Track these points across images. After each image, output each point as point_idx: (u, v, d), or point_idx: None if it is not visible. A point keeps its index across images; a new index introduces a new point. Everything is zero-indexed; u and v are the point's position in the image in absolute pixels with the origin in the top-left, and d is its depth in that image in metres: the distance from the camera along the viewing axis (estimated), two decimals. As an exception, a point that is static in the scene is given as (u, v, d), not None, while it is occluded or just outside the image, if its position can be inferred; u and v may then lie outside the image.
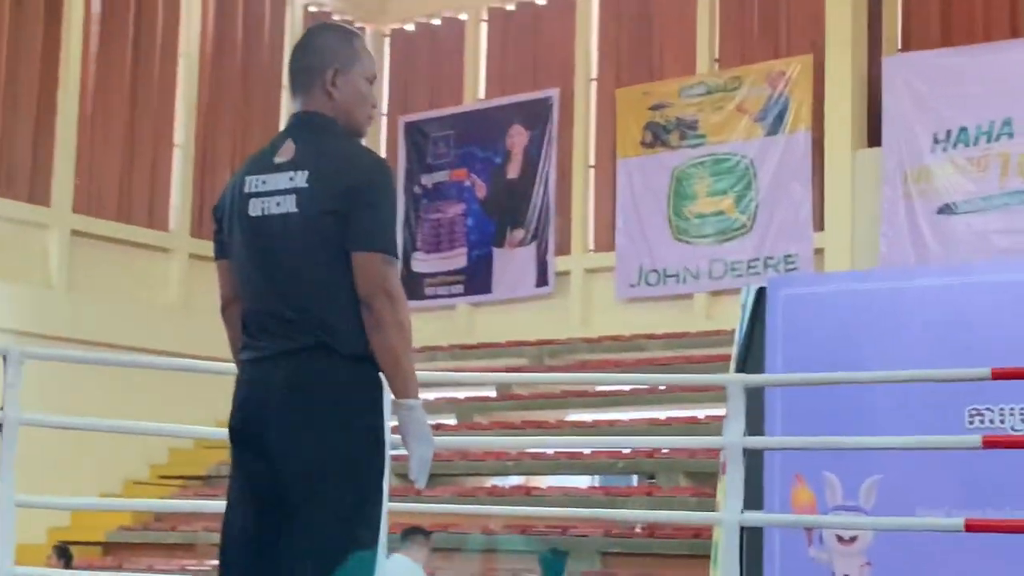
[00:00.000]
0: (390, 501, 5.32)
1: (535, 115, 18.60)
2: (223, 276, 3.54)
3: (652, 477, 14.80)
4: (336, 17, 19.20)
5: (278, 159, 3.44)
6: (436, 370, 13.77)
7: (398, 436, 3.47)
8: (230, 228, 3.48)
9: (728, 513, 5.13)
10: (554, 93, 18.53)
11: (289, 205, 3.37)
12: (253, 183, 3.44)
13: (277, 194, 3.39)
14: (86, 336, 15.30)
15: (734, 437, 5.17)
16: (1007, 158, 14.60)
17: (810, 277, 13.64)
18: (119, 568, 12.69)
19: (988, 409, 8.10)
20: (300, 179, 3.37)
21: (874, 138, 15.84)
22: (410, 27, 20.15)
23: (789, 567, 8.56)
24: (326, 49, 3.55)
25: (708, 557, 9.45)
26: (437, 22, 19.90)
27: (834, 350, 8.38)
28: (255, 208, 3.41)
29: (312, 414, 3.28)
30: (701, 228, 16.99)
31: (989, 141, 14.73)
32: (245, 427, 3.36)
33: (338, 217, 3.32)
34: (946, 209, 14.92)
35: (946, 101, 14.99)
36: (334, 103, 3.51)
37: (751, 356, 8.83)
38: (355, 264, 3.31)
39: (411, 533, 8.48)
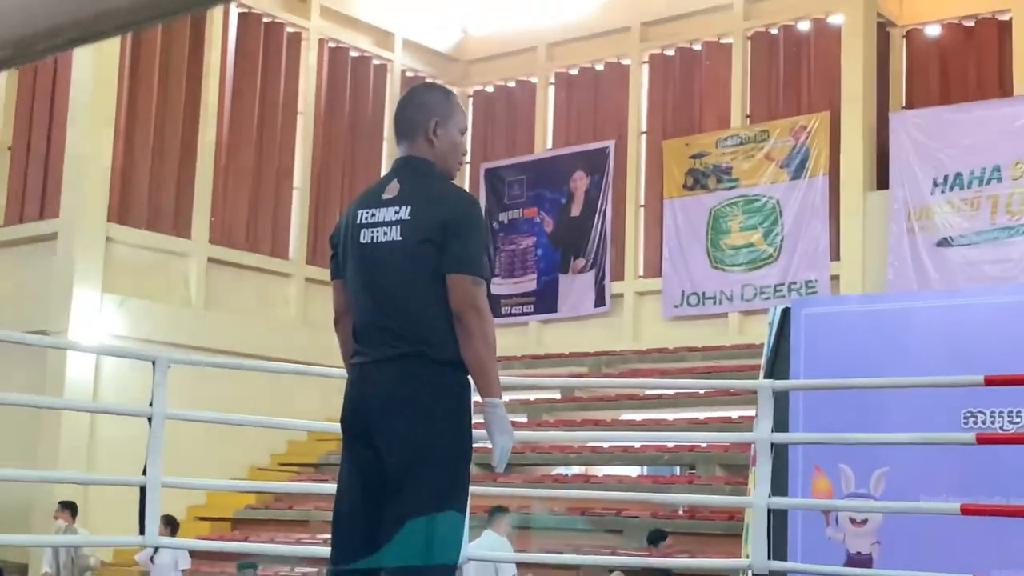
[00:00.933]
0: (471, 486, 5.35)
1: (594, 162, 18.61)
2: (337, 294, 3.57)
3: (693, 468, 14.72)
4: (428, 80, 19.33)
5: (385, 195, 3.47)
6: (511, 376, 13.79)
7: (482, 430, 3.48)
8: (344, 253, 3.51)
9: (758, 498, 5.09)
10: (610, 144, 18.53)
11: (395, 234, 3.39)
12: (363, 215, 3.47)
13: (384, 225, 3.41)
14: (220, 346, 15.47)
15: (763, 433, 5.14)
16: (996, 199, 14.41)
17: (828, 299, 13.53)
18: (245, 540, 12.79)
19: (981, 411, 8.00)
20: (404, 213, 3.40)
21: (882, 182, 15.71)
22: (490, 88, 20.25)
23: (809, 545, 8.48)
24: (430, 103, 3.58)
25: (740, 536, 9.40)
26: (512, 84, 19.98)
27: (848, 361, 8.32)
28: (365, 236, 3.44)
29: (412, 410, 3.29)
30: (735, 258, 16.91)
31: (981, 184, 14.55)
32: (356, 420, 3.39)
33: (435, 245, 3.34)
34: (944, 242, 14.75)
35: (944, 150, 14.84)
36: (434, 150, 3.53)
37: (777, 365, 8.78)
38: (449, 284, 3.33)
39: (496, 512, 8.45)
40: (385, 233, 3.41)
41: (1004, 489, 7.57)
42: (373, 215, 3.45)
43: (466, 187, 19.86)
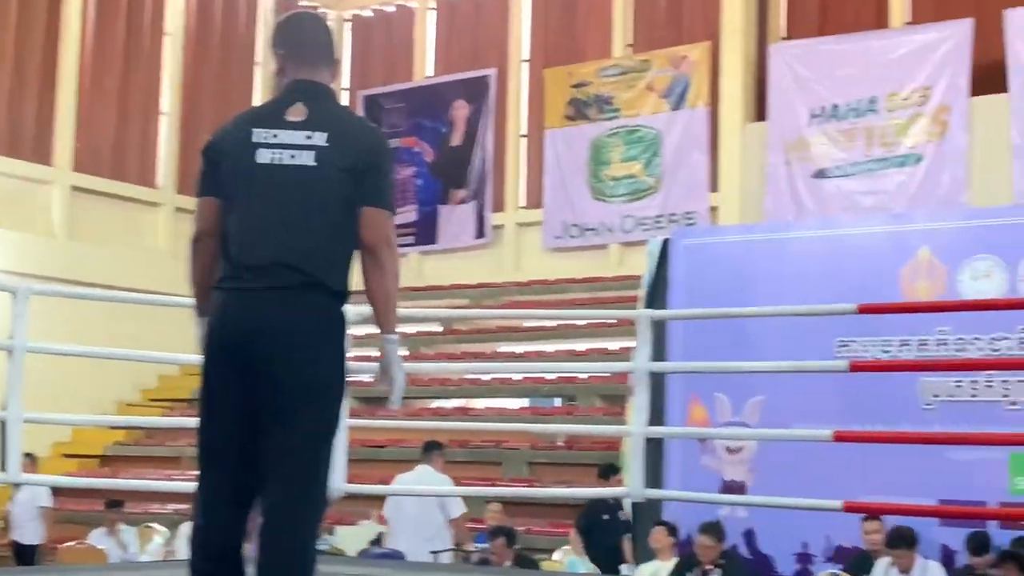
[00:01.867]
0: (351, 419, 5.32)
1: (475, 91, 18.49)
2: (206, 211, 3.42)
3: (572, 399, 14.89)
4: (303, 3, 18.93)
5: (290, 117, 3.37)
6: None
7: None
8: (231, 172, 3.38)
9: (636, 427, 5.16)
10: (492, 72, 18.43)
11: (307, 159, 3.31)
12: (262, 135, 3.34)
13: (292, 148, 3.31)
14: (86, 278, 15.08)
15: (642, 363, 5.19)
16: (872, 131, 14.73)
17: (706, 230, 13.73)
18: (115, 477, 12.60)
19: (853, 340, 8.24)
20: (320, 139, 3.32)
21: (761, 113, 15.92)
22: (368, 13, 19.92)
23: (686, 474, 8.68)
24: (332, 35, 3.61)
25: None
26: (391, 9, 19.68)
27: (726, 291, 8.47)
28: (264, 156, 3.32)
29: (308, 340, 3.24)
30: (615, 189, 17.03)
31: (857, 116, 14.84)
32: (236, 350, 3.26)
33: (353, 176, 3.30)
34: (820, 174, 15.04)
35: (822, 82, 15.08)
36: (332, 82, 3.54)
37: (657, 296, 8.90)
38: (365, 217, 3.30)
39: (430, 447, 8.39)
40: (293, 156, 3.31)
41: (875, 417, 7.82)
42: (275, 136, 3.34)
43: (343, 115, 19.59)
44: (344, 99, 19.48)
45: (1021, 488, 7.65)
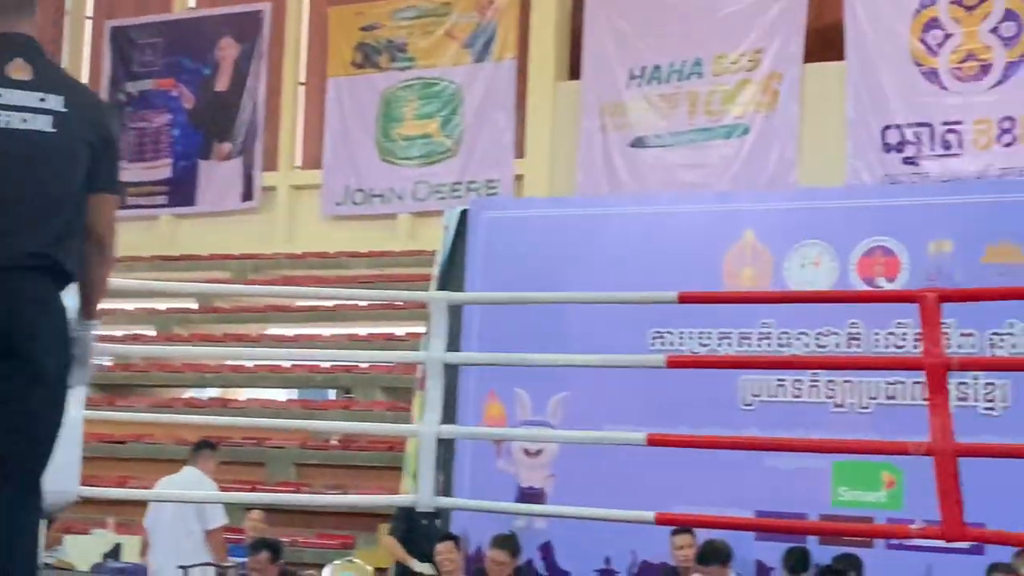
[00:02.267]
0: (87, 409, 5.16)
1: (246, 28, 18.15)
2: None
3: (349, 391, 14.82)
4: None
5: (14, 75, 3.35)
6: (134, 279, 13.34)
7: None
8: None
9: (427, 426, 5.16)
10: (266, 7, 18.11)
11: (42, 124, 3.33)
12: None
13: (22, 110, 3.31)
14: None
15: (437, 353, 5.19)
16: (696, 97, 15.08)
17: (511, 201, 13.83)
18: None
19: (669, 332, 8.44)
20: (55, 103, 3.34)
21: (575, 71, 16.10)
22: (119, -70, 19.30)
23: (479, 479, 8.74)
24: None
25: (400, 469, 9.56)
26: (147, -73, 19.13)
27: (532, 272, 8.55)
28: None
29: (52, 325, 3.33)
30: (407, 150, 16.98)
31: (680, 80, 15.17)
32: None
33: (91, 150, 3.37)
34: (638, 142, 15.32)
35: (643, 39, 15.34)
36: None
37: (453, 276, 8.92)
38: (98, 202, 3.41)
39: (200, 447, 8.26)
40: (25, 120, 3.31)
41: (690, 418, 8.02)
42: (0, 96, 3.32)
43: (86, 48, 18.99)
44: (87, 30, 18.87)
45: (845, 500, 7.98)
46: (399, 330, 14.53)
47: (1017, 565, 7.25)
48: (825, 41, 14.45)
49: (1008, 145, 13.49)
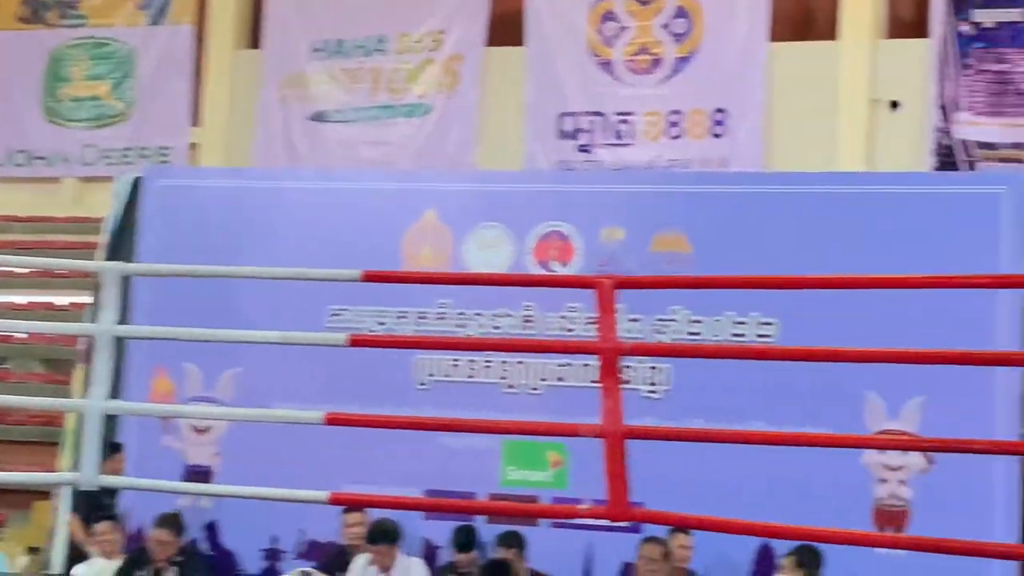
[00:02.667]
0: None
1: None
2: None
3: (4, 362, 14.24)
4: None
5: None
6: None
7: None
8: None
9: (93, 400, 4.96)
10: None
11: None
12: None
13: None
14: None
15: (106, 325, 4.99)
16: (379, 74, 15.10)
17: (187, 170, 13.49)
18: None
19: (347, 309, 8.41)
20: None
21: (256, 40, 15.86)
22: None
23: (144, 456, 8.50)
24: None
25: (57, 444, 9.19)
26: None
27: (207, 245, 8.36)
28: None
29: None
30: (76, 112, 16.35)
31: (364, 56, 15.16)
32: None
33: None
34: (319, 116, 15.23)
35: (327, 12, 15.25)
36: None
37: (122, 245, 8.63)
38: None
39: None
40: None
41: (364, 397, 8.03)
42: None
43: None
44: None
45: (513, 479, 8.16)
46: (60, 300, 14.01)
47: (669, 541, 7.59)
48: (507, 26, 14.71)
49: (676, 138, 14.09)
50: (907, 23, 14.33)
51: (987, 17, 13.76)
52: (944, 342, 6.42)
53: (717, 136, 13.97)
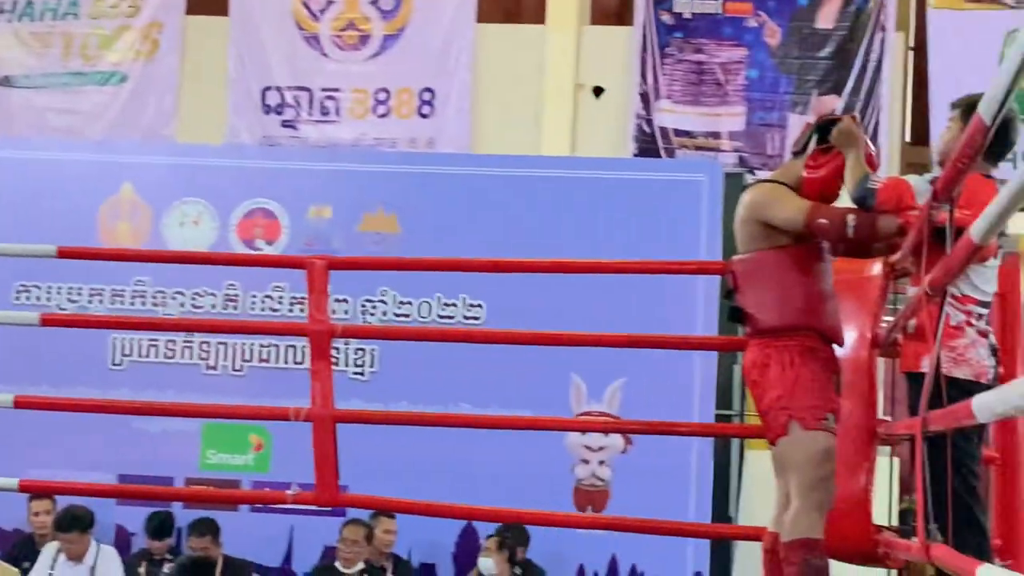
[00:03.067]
0: None
1: None
2: None
3: None
4: None
5: None
6: None
7: None
8: None
9: None
10: None
11: None
12: None
13: None
14: None
15: None
16: (71, 38, 14.53)
17: None
18: None
19: (36, 286, 8.08)
20: None
21: (-64, -4, 15.03)
22: None
23: None
24: None
25: None
26: None
27: None
28: None
29: None
30: None
31: (54, 19, 14.56)
32: None
33: None
34: (5, 82, 14.56)
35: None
36: None
37: None
38: None
39: None
40: None
41: (58, 377, 7.73)
42: None
43: None
44: None
45: (213, 463, 8.01)
46: None
47: (372, 523, 7.62)
48: (212, -8, 14.39)
49: (383, 116, 14.07)
50: (612, 11, 14.72)
51: (686, 8, 14.26)
52: (647, 326, 6.64)
53: (424, 116, 14.02)
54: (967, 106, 4.15)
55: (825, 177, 4.24)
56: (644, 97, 14.03)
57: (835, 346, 4.31)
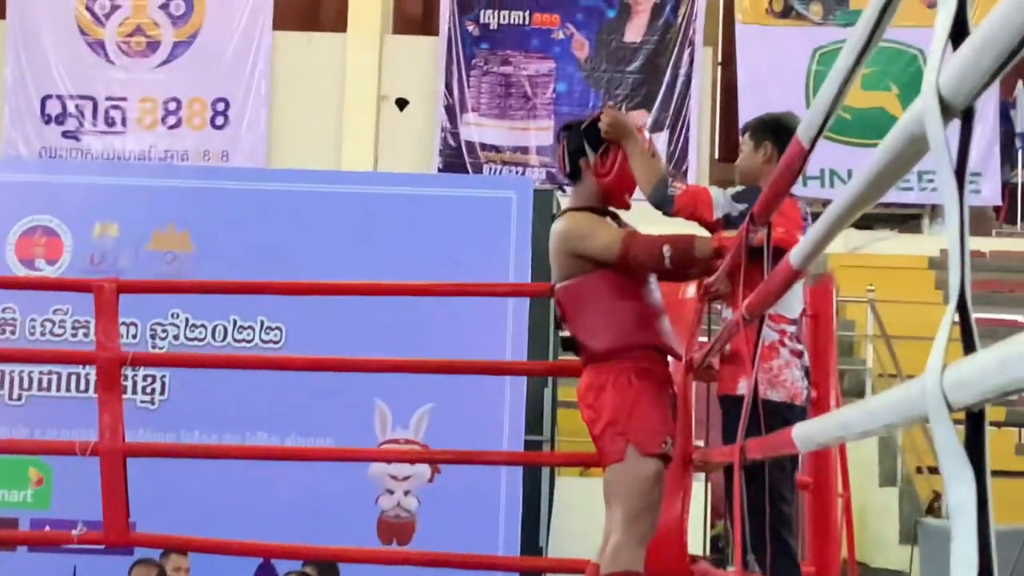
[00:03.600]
0: None
1: None
2: None
3: None
4: None
5: None
6: None
7: None
8: None
9: None
10: None
11: None
12: None
13: None
14: None
15: None
16: None
17: None
18: None
19: None
20: None
21: None
22: None
23: None
24: None
25: None
26: None
27: None
28: None
29: None
30: None
31: None
32: None
33: None
34: None
35: None
36: None
37: None
38: None
39: None
40: None
41: None
42: None
43: None
44: None
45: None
46: None
47: (163, 562, 7.44)
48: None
49: (173, 127, 13.84)
50: (416, 20, 14.75)
51: (492, 19, 14.36)
52: (455, 348, 6.62)
53: (218, 127, 13.83)
54: (754, 129, 4.32)
55: (618, 175, 4.26)
56: (450, 110, 14.09)
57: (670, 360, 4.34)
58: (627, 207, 4.40)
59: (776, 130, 4.24)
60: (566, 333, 4.38)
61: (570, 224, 4.33)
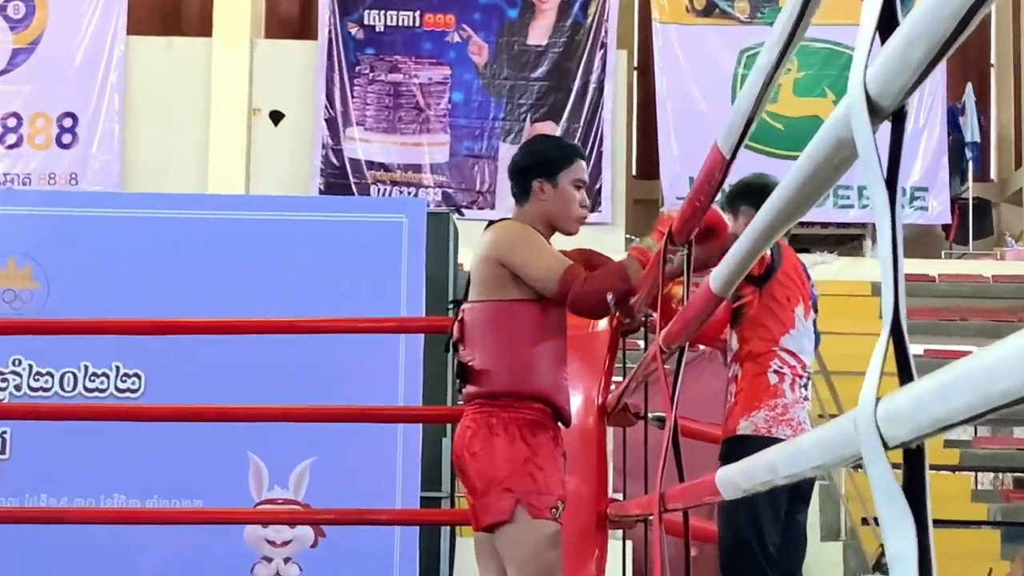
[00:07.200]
0: None
1: None
2: None
3: None
4: None
5: None
6: None
7: None
8: None
9: None
10: None
11: None
12: None
13: None
14: None
15: None
16: None
17: None
18: None
19: None
20: None
21: None
22: None
23: None
24: None
25: None
26: None
27: None
28: None
29: None
30: None
31: None
32: None
33: None
34: None
35: None
36: None
37: None
38: None
39: None
40: None
41: None
42: None
43: None
44: None
45: None
46: None
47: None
48: None
49: (13, 147, 13.69)
50: (291, 22, 14.72)
51: (379, 20, 14.37)
52: (340, 393, 6.59)
53: (65, 146, 13.69)
54: (727, 201, 4.56)
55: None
56: (331, 124, 14.07)
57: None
58: (573, 234, 4.33)
59: (746, 192, 4.55)
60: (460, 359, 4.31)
61: (512, 232, 4.24)
